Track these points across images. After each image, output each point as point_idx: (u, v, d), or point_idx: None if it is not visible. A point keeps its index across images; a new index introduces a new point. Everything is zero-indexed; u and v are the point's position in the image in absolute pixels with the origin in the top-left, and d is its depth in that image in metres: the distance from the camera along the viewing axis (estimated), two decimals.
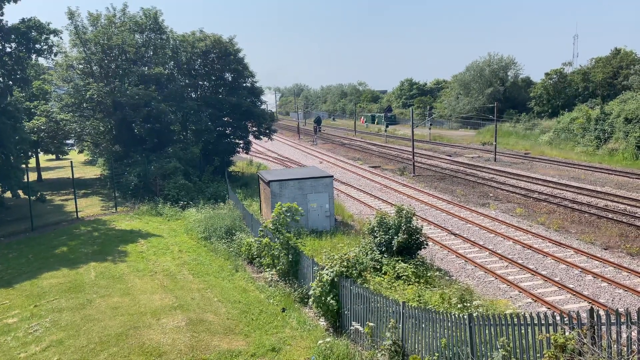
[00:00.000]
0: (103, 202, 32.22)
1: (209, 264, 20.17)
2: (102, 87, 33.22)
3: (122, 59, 35.47)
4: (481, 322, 9.89)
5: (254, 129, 43.08)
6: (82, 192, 34.93)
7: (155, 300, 15.91)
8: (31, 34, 30.08)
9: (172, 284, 17.63)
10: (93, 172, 42.75)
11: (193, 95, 41.04)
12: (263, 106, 45.30)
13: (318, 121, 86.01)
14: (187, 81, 40.49)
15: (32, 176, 42.15)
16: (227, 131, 42.02)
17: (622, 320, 7.98)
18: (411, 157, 44.47)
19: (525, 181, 36.81)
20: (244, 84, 42.12)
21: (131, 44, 34.61)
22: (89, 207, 30.80)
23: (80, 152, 49.93)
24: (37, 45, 31.00)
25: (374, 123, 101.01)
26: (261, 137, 43.95)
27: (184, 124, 39.45)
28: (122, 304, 15.67)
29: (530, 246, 21.71)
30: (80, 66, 35.25)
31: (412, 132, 44.73)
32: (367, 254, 18.84)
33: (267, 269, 18.50)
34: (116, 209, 30.20)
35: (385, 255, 18.76)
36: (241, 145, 42.85)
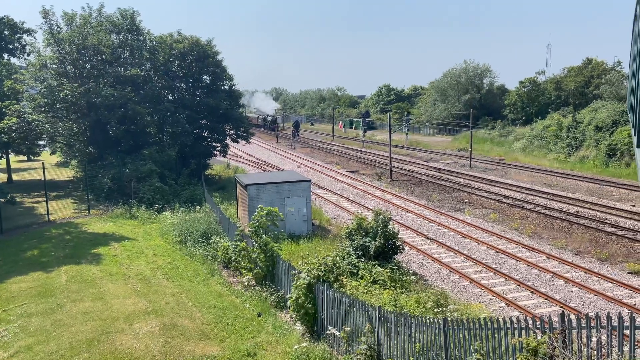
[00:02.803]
0: (76, 205, 31.58)
1: (184, 268, 19.93)
2: (77, 87, 32.61)
3: (98, 59, 34.90)
4: (455, 327, 9.98)
5: (232, 132, 42.83)
6: (54, 195, 34.19)
7: (129, 304, 15.64)
8: (4, 33, 29.38)
9: (146, 288, 17.35)
10: (66, 174, 41.86)
11: (170, 97, 40.59)
12: (240, 110, 45.08)
13: (296, 125, 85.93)
14: (164, 83, 40.04)
15: (2, 177, 41.11)
16: (205, 134, 41.67)
17: (592, 324, 8.16)
18: (388, 162, 44.79)
19: (499, 187, 37.42)
20: (222, 87, 41.86)
21: (107, 44, 34.08)
22: (61, 209, 30.15)
23: (53, 153, 48.86)
24: (10, 45, 30.27)
25: (352, 128, 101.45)
26: (239, 140, 43.70)
27: (161, 126, 38.97)
28: (94, 308, 15.36)
29: (504, 251, 22.05)
30: (54, 66, 34.55)
31: (390, 137, 45.08)
32: (344, 258, 18.87)
33: (244, 273, 18.37)
34: (89, 211, 29.63)
35: (362, 260, 18.83)
36: (218, 148, 42.53)
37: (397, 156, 54.91)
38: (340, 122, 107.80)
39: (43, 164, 31.98)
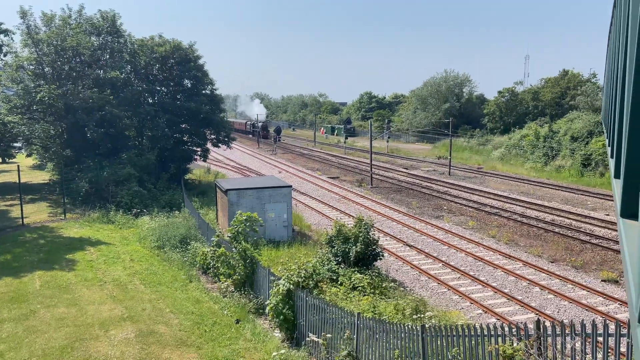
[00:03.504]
0: (51, 209, 30.96)
1: (161, 274, 19.67)
2: (54, 89, 32.07)
3: (77, 61, 34.40)
4: (433, 333, 10.04)
5: (213, 136, 42.58)
6: (29, 198, 33.47)
7: (104, 311, 15.36)
8: None
9: (122, 294, 17.08)
10: (41, 177, 41.02)
11: (150, 101, 40.19)
12: (222, 114, 44.86)
13: (278, 131, 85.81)
14: (144, 86, 39.64)
15: None
16: (185, 138, 41.35)
17: (567, 331, 8.29)
18: (369, 169, 45.00)
19: (477, 195, 37.87)
20: (204, 91, 41.64)
21: (86, 46, 33.63)
22: (36, 213, 29.52)
23: (29, 155, 47.91)
24: None
25: (333, 134, 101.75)
26: (220, 145, 43.47)
27: (140, 130, 38.54)
28: (68, 314, 15.05)
29: (482, 258, 22.29)
30: (32, 67, 33.95)
31: (371, 144, 45.33)
32: (324, 264, 18.86)
33: (222, 280, 18.21)
34: (65, 215, 29.07)
35: (342, 266, 18.84)
36: (199, 152, 42.23)
37: (378, 163, 55.20)
38: (322, 128, 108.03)
39: (18, 166, 31.27)
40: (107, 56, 36.19)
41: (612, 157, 5.37)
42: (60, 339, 13.31)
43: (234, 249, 17.75)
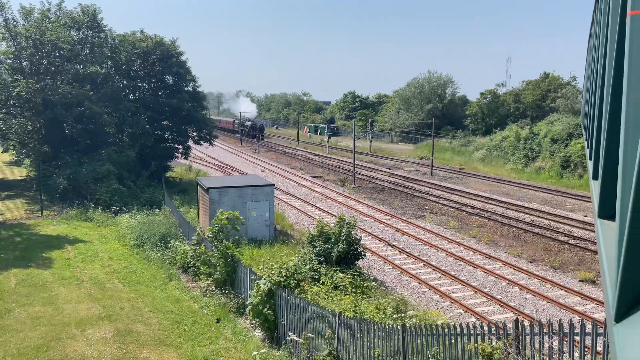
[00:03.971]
0: (28, 205, 30.36)
1: (140, 273, 19.42)
2: (32, 84, 31.46)
3: (55, 55, 33.79)
4: (414, 333, 10.08)
5: (194, 134, 42.21)
6: (5, 194, 32.79)
7: (81, 310, 15.11)
8: None
9: (100, 293, 16.82)
10: (18, 173, 40.22)
11: (131, 97, 39.65)
12: (204, 112, 44.50)
13: (261, 129, 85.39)
14: (125, 82, 39.09)
15: None
16: (166, 135, 40.90)
17: (545, 330, 8.39)
18: (352, 168, 45.08)
19: (459, 195, 38.20)
20: (186, 88, 41.23)
21: (66, 40, 33.04)
22: (12, 210, 28.91)
23: (5, 151, 46.87)
24: None
25: (317, 133, 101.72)
26: (202, 142, 43.11)
27: (120, 126, 37.99)
28: (44, 313, 14.76)
29: (462, 258, 22.48)
30: (9, 61, 33.27)
31: (354, 144, 45.41)
32: (306, 263, 18.82)
33: (203, 279, 18.05)
34: (42, 212, 28.54)
35: (324, 265, 18.82)
36: (180, 150, 41.82)
37: (361, 163, 55.35)
38: (306, 127, 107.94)
39: None
40: (87, 51, 35.62)
41: (590, 158, 5.44)
42: (35, 338, 13.05)
43: (214, 248, 17.61)
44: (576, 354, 7.96)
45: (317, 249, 19.33)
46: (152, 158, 38.87)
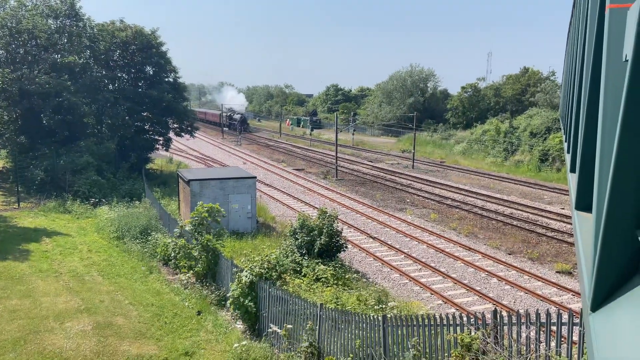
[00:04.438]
0: (4, 197, 29.77)
1: (120, 265, 19.22)
2: (8, 73, 30.75)
3: (32, 44, 33.04)
4: (394, 323, 10.18)
5: (175, 125, 41.75)
6: None
7: (60, 302, 14.91)
8: None
9: (79, 285, 16.60)
10: None
11: (110, 87, 39.00)
12: (185, 103, 44.04)
13: (243, 121, 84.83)
14: (104, 72, 38.42)
15: None
16: (146, 127, 40.37)
17: (522, 321, 8.54)
18: (334, 161, 45.13)
19: (440, 188, 38.55)
20: (166, 79, 40.70)
21: (43, 29, 32.32)
22: None
23: None
24: None
25: (299, 126, 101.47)
26: (183, 134, 42.68)
27: (99, 117, 37.38)
28: (21, 306, 14.52)
29: (443, 250, 22.73)
30: None
31: (336, 136, 45.42)
32: (288, 256, 18.84)
33: (184, 271, 17.94)
34: (19, 204, 28.01)
35: (306, 258, 18.86)
36: (161, 142, 41.33)
37: (343, 155, 55.44)
38: (288, 119, 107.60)
39: None
40: (65, 40, 34.89)
41: (568, 152, 5.54)
42: (13, 332, 12.85)
43: (195, 241, 17.50)
44: (552, 344, 8.13)
45: (299, 241, 19.34)
46: (132, 149, 38.36)
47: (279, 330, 12.71)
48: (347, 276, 17.90)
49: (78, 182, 29.90)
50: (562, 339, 8.21)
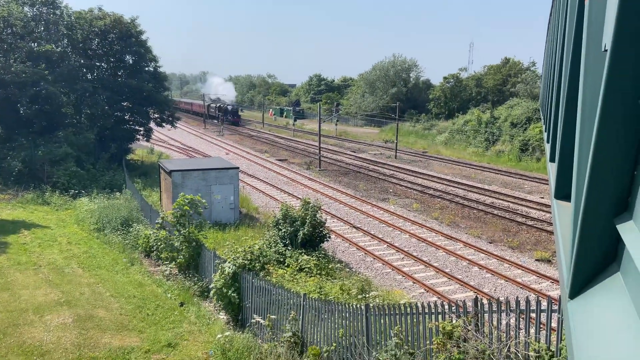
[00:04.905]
0: None
1: (101, 257, 19.01)
2: None
3: (8, 32, 32.21)
4: (377, 312, 10.26)
5: (156, 115, 41.23)
6: None
7: (39, 295, 14.70)
8: None
9: (59, 278, 16.39)
10: None
11: (89, 77, 38.30)
12: (166, 93, 43.49)
13: (225, 111, 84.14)
14: (82, 61, 37.68)
15: None
16: (126, 117, 39.79)
17: (503, 308, 8.68)
18: (318, 151, 45.08)
19: (422, 178, 38.82)
20: (147, 68, 40.09)
21: (19, 17, 31.55)
22: None
23: None
24: None
25: (282, 116, 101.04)
26: (164, 124, 42.19)
27: (78, 107, 36.71)
28: None
29: (425, 239, 22.94)
30: None
31: (319, 127, 45.34)
32: (271, 246, 18.83)
33: (166, 263, 17.82)
34: None
35: (290, 248, 18.87)
36: (141, 132, 40.78)
37: (327, 146, 55.42)
38: (271, 110, 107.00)
39: None
40: (42, 28, 34.15)
41: (547, 142, 5.60)
42: None
43: (177, 232, 17.38)
44: (532, 330, 8.28)
45: (283, 231, 19.33)
46: (112, 140, 37.80)
47: (262, 321, 12.72)
48: (330, 266, 17.96)
49: (57, 173, 29.41)
50: (541, 326, 8.37)
